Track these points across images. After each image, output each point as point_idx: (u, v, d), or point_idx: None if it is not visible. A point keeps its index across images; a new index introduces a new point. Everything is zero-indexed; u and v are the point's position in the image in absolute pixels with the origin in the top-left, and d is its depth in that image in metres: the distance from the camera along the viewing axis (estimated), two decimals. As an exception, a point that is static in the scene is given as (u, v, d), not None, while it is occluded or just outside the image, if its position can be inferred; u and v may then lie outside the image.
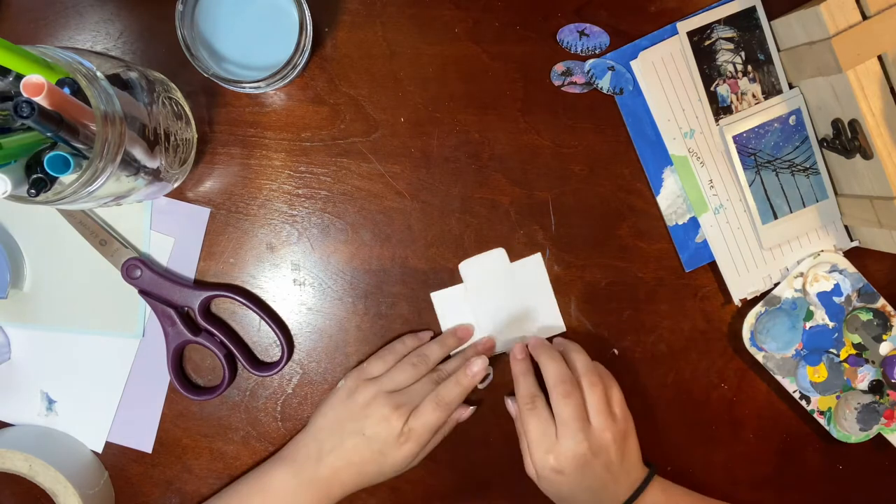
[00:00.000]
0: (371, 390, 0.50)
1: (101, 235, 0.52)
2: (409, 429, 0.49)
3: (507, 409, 0.54)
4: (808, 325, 0.55)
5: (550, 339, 0.55)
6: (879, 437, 0.57)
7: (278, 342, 0.54)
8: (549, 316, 0.55)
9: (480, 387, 0.55)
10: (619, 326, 0.55)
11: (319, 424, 0.51)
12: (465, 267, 0.55)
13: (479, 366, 0.51)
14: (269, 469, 0.51)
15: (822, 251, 0.55)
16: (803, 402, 0.56)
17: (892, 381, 0.55)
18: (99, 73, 0.37)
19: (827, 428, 0.56)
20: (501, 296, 0.55)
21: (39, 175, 0.37)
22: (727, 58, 0.53)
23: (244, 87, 0.47)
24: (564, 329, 0.56)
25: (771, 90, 0.54)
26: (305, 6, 0.45)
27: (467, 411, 0.54)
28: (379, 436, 0.49)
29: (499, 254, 0.55)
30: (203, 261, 0.54)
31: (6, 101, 0.36)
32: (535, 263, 0.55)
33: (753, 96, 0.54)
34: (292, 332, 0.55)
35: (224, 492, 0.52)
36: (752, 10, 0.53)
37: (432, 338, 0.55)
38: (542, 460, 0.49)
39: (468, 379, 0.51)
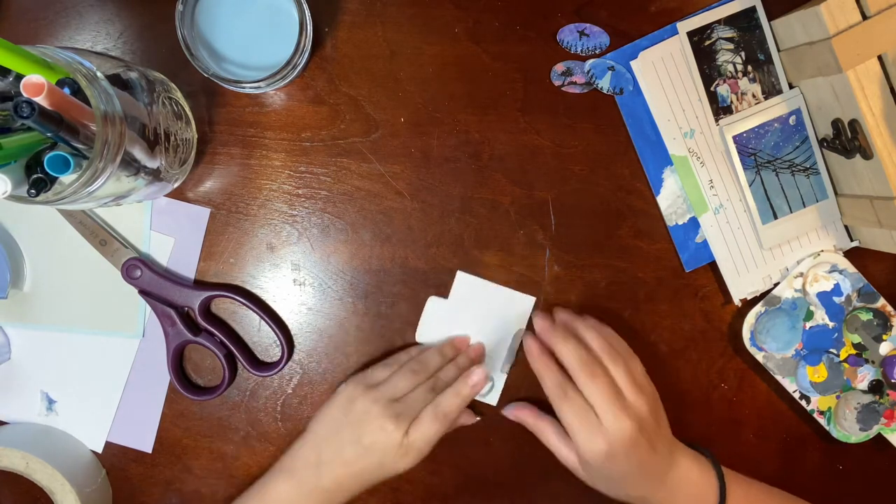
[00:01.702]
0: (369, 398, 0.49)
1: (101, 235, 0.52)
2: (408, 442, 0.48)
3: (508, 415, 0.53)
4: (808, 325, 0.55)
5: (549, 310, 0.54)
6: (879, 437, 0.57)
7: (278, 342, 0.54)
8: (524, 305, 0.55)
9: (486, 400, 0.55)
10: (619, 327, 0.55)
11: (317, 431, 0.50)
12: (460, 280, 0.54)
13: (478, 376, 0.51)
14: (270, 481, 0.50)
15: (822, 251, 0.55)
16: (803, 402, 0.56)
17: (892, 381, 0.55)
18: (99, 73, 0.37)
19: (827, 428, 0.56)
20: (483, 318, 0.55)
21: (39, 175, 0.37)
22: (727, 58, 0.53)
23: (244, 87, 0.47)
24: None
25: (771, 90, 0.54)
26: (305, 6, 0.45)
27: (472, 419, 0.54)
28: (376, 445, 0.48)
29: (496, 289, 0.54)
30: (203, 261, 0.54)
31: (6, 101, 0.36)
32: (524, 303, 0.55)
33: (753, 96, 0.54)
34: (292, 332, 0.55)
35: None
36: (752, 10, 0.53)
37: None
38: (589, 447, 0.47)
39: (468, 389, 0.50)
